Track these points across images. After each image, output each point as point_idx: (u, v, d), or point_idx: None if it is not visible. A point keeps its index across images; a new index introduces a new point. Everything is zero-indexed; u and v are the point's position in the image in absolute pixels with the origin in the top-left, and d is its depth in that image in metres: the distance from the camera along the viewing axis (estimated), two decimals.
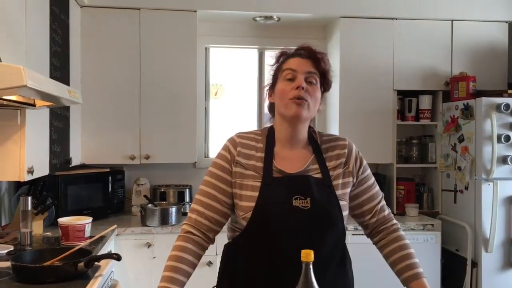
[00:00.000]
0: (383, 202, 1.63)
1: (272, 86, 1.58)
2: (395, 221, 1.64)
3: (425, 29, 3.61)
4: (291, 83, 1.49)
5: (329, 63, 1.57)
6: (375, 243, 1.64)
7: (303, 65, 1.51)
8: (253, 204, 1.46)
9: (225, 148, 1.57)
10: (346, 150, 1.59)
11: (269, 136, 1.57)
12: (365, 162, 1.62)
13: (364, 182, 1.60)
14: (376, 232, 1.62)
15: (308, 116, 1.51)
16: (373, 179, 1.63)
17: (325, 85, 1.57)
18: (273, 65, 1.59)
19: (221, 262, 1.61)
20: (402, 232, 1.61)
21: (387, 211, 1.63)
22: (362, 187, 1.59)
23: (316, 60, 1.52)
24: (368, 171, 1.63)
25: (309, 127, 1.60)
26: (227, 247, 1.60)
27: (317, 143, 1.58)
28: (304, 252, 1.24)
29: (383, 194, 1.65)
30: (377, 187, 1.63)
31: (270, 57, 1.66)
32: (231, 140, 1.58)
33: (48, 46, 2.50)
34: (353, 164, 1.58)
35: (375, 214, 1.60)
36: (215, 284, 1.63)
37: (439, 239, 3.38)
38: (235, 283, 1.53)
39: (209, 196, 1.52)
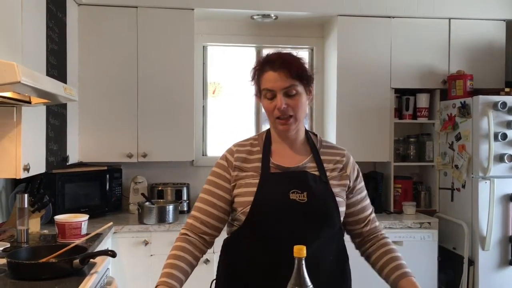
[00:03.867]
0: (374, 214, 1.69)
1: (259, 92, 1.58)
2: (384, 231, 1.69)
3: (422, 28, 3.62)
4: (272, 101, 1.52)
5: (303, 62, 1.55)
6: (364, 251, 1.67)
7: (278, 81, 1.49)
8: (251, 198, 1.50)
9: (223, 157, 1.62)
10: (344, 159, 1.63)
11: (267, 136, 1.62)
12: (361, 174, 1.67)
13: (360, 192, 1.65)
14: (367, 240, 1.66)
15: (296, 127, 1.55)
16: (366, 191, 1.68)
17: (308, 82, 1.55)
18: (251, 80, 1.60)
19: (220, 255, 1.66)
20: (390, 240, 1.66)
21: (378, 222, 1.69)
22: (358, 196, 1.63)
23: (289, 68, 1.50)
24: (363, 183, 1.67)
25: (310, 132, 1.65)
26: (226, 241, 1.64)
27: (315, 146, 1.62)
28: (296, 248, 1.25)
29: (373, 208, 1.71)
30: (369, 199, 1.69)
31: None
32: (228, 150, 1.64)
33: (44, 44, 2.50)
34: (351, 171, 1.62)
35: (368, 223, 1.65)
36: (214, 278, 1.68)
37: (436, 237, 3.39)
38: (233, 276, 1.57)
39: (205, 202, 1.57)
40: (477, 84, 3.49)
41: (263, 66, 1.54)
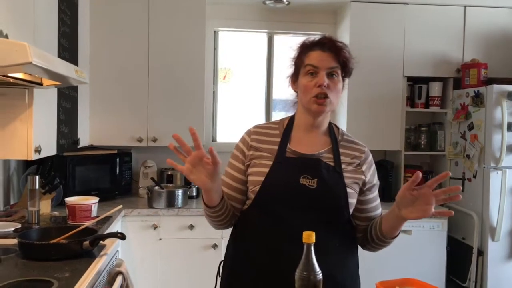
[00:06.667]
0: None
1: (295, 74, 1.60)
2: None
3: (437, 15, 3.56)
4: (313, 78, 1.52)
5: (350, 53, 1.58)
6: (362, 242, 1.68)
7: (324, 60, 1.52)
8: (262, 178, 1.53)
9: (241, 138, 1.66)
10: (363, 156, 1.62)
11: (289, 123, 1.63)
12: (376, 173, 1.67)
13: (375, 190, 1.65)
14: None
15: (330, 110, 1.56)
16: (377, 191, 1.69)
17: (347, 74, 1.58)
18: (294, 57, 1.61)
19: (230, 235, 1.68)
20: None
21: None
22: (372, 194, 1.64)
23: (338, 52, 1.53)
24: (378, 182, 1.67)
25: (333, 124, 1.66)
26: (236, 220, 1.66)
27: (336, 138, 1.62)
28: (305, 234, 1.25)
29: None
30: (379, 200, 1.70)
31: (284, 51, 1.65)
32: (247, 131, 1.67)
33: (56, 26, 2.50)
34: (367, 167, 1.62)
35: None
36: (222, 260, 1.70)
37: (445, 227, 3.37)
38: (240, 256, 1.59)
39: (224, 184, 1.62)
40: (492, 73, 3.44)
41: (311, 45, 1.56)
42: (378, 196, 1.68)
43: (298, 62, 1.58)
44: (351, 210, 1.57)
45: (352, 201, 1.56)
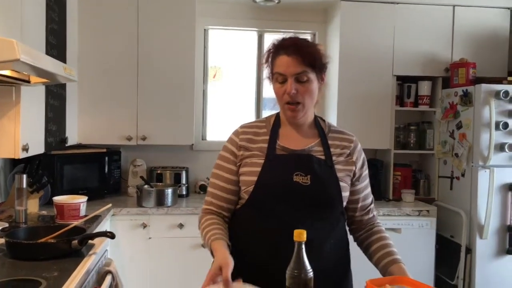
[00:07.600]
0: (373, 205, 1.71)
1: (271, 75, 1.59)
2: (379, 221, 1.71)
3: (426, 14, 3.58)
4: (282, 85, 1.53)
5: (318, 49, 1.56)
6: (357, 237, 1.70)
7: (290, 66, 1.49)
8: (255, 178, 1.53)
9: (229, 139, 1.65)
10: (352, 145, 1.64)
11: (276, 119, 1.63)
12: (366, 162, 1.68)
13: (364, 180, 1.66)
14: (362, 227, 1.68)
15: (304, 114, 1.56)
16: (368, 179, 1.69)
17: (320, 70, 1.56)
18: (264, 63, 1.60)
19: None
20: (383, 228, 1.68)
21: (375, 212, 1.72)
22: (362, 184, 1.65)
23: (303, 55, 1.50)
24: (367, 171, 1.68)
25: (318, 117, 1.66)
26: (230, 219, 1.66)
27: (323, 130, 1.62)
28: (296, 232, 1.25)
29: (373, 197, 1.72)
30: (370, 189, 1.70)
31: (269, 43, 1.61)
32: (234, 132, 1.66)
33: (44, 23, 2.47)
34: (357, 157, 1.63)
35: (368, 212, 1.68)
36: None
37: (434, 225, 3.40)
38: (235, 254, 1.56)
39: (215, 186, 1.62)
40: (480, 73, 3.46)
41: (277, 49, 1.54)
42: (369, 184, 1.69)
43: (270, 66, 1.57)
44: (344, 203, 1.59)
45: (345, 194, 1.58)
